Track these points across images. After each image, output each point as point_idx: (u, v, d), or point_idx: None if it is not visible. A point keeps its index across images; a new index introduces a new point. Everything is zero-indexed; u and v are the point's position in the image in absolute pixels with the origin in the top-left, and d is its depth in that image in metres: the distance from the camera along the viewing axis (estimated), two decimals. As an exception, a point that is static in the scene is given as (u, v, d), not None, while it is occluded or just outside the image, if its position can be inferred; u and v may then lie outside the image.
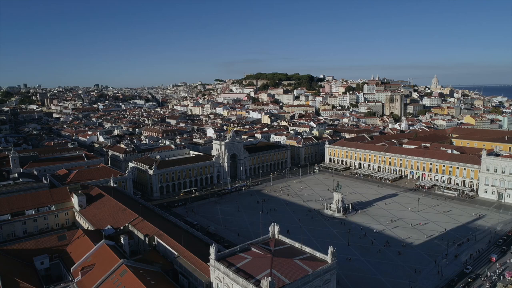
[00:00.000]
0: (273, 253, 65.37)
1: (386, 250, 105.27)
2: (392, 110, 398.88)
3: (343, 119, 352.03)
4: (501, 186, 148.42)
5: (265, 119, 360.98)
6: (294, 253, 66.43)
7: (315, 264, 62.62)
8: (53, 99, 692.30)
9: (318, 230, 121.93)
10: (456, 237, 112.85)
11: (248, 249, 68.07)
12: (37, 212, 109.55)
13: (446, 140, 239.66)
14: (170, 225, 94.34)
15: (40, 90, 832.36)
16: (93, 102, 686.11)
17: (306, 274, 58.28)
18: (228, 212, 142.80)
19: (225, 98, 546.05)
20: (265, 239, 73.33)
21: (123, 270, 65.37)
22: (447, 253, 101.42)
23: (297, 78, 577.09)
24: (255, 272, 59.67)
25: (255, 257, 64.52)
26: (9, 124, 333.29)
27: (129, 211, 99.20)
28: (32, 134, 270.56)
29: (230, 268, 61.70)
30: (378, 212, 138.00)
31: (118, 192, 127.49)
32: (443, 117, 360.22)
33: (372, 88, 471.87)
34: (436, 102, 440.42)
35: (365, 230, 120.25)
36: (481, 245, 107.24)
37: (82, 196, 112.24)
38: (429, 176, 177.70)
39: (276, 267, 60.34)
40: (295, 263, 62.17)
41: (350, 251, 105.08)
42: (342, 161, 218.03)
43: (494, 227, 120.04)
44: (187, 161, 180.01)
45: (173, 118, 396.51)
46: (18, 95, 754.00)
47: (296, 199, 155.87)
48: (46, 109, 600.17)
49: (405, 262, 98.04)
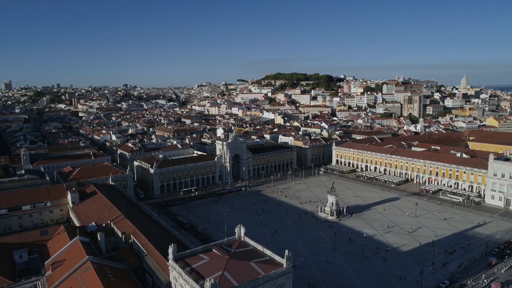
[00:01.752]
0: (231, 255, 65.28)
1: (372, 255, 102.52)
2: (410, 111, 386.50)
3: (357, 120, 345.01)
4: (508, 192, 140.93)
5: (278, 120, 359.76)
6: (253, 256, 66.02)
7: (271, 267, 61.94)
8: (80, 99, 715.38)
9: (307, 232, 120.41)
10: (450, 245, 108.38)
11: (210, 250, 68.32)
12: (33, 208, 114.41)
13: (461, 143, 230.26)
14: (150, 224, 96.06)
15: (71, 89, 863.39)
16: (117, 102, 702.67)
17: (256, 277, 57.82)
18: (223, 212, 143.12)
19: (243, 98, 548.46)
20: (230, 240, 73.38)
21: (87, 266, 67.24)
22: (435, 261, 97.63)
23: (316, 78, 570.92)
24: (208, 273, 59.78)
25: (213, 258, 64.67)
26: (32, 122, 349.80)
27: (114, 209, 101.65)
28: (51, 132, 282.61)
29: (185, 268, 62.25)
30: (374, 216, 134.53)
31: (114, 190, 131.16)
32: (464, 119, 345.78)
33: (392, 89, 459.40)
34: (459, 103, 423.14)
35: (355, 234, 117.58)
36: (474, 254, 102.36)
37: (75, 193, 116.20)
38: (436, 180, 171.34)
39: (229, 269, 60.23)
40: (250, 266, 61.81)
41: (334, 255, 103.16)
42: (349, 163, 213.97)
43: (493, 235, 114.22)
44: (188, 161, 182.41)
45: (188, 117, 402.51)
46: (49, 95, 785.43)
47: (293, 201, 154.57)
48: (73, 108, 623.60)
49: (388, 269, 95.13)
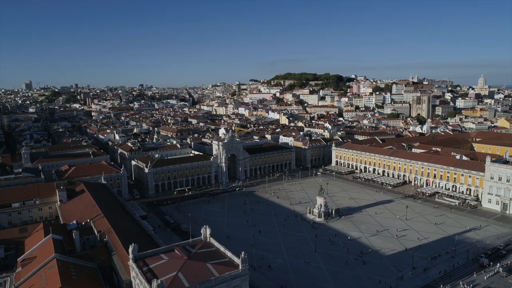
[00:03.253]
0: (191, 255, 65.25)
1: (352, 259, 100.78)
2: (419, 112, 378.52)
3: (363, 121, 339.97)
4: (505, 196, 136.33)
5: (283, 120, 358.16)
6: (212, 257, 65.77)
7: (227, 269, 61.57)
8: (94, 99, 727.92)
9: (292, 234, 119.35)
10: (435, 249, 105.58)
11: (172, 250, 68.45)
12: (23, 205, 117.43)
13: (465, 145, 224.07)
14: (127, 223, 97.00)
15: (87, 89, 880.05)
16: (129, 102, 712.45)
17: (207, 279, 57.62)
18: (212, 212, 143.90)
19: (251, 99, 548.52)
20: (195, 241, 73.31)
21: (52, 264, 68.45)
22: (416, 266, 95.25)
23: (325, 78, 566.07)
24: (162, 273, 59.99)
25: (172, 258, 64.78)
26: (43, 122, 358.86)
27: (96, 207, 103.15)
28: (58, 131, 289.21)
29: (143, 268, 62.66)
30: (363, 218, 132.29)
31: (103, 189, 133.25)
32: (475, 120, 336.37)
33: (401, 89, 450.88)
34: (471, 104, 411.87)
35: (340, 236, 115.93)
36: (460, 259, 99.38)
37: (63, 191, 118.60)
38: (434, 182, 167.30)
39: (184, 270, 60.24)
40: (206, 267, 61.58)
41: (314, 258, 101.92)
42: (349, 164, 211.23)
43: (483, 240, 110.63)
44: (184, 161, 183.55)
45: (195, 117, 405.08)
46: (66, 95, 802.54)
47: (285, 202, 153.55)
48: (87, 108, 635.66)
49: (367, 273, 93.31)
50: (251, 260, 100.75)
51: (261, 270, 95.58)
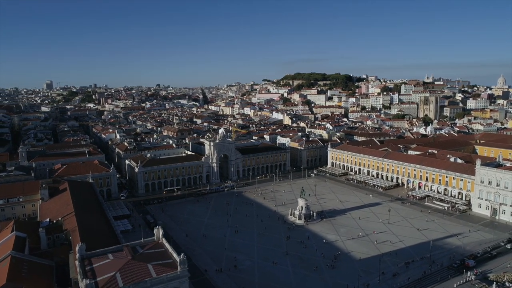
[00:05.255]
0: (136, 256, 65.56)
1: (322, 262, 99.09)
2: (426, 113, 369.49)
3: (366, 121, 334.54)
4: (495, 200, 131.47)
5: (286, 120, 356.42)
6: (157, 258, 65.84)
7: (168, 270, 61.55)
8: (108, 98, 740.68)
9: (268, 236, 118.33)
10: (411, 255, 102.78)
11: (121, 250, 68.83)
12: (6, 202, 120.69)
13: (467, 147, 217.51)
14: (96, 222, 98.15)
15: (104, 89, 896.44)
16: (142, 101, 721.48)
17: (142, 280, 57.71)
18: (195, 212, 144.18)
19: (259, 99, 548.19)
20: (147, 241, 73.60)
21: (6, 261, 69.93)
22: (386, 271, 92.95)
23: (334, 78, 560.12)
24: (102, 273, 60.48)
25: (116, 258, 65.17)
26: (52, 121, 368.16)
27: (71, 206, 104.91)
28: (63, 130, 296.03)
29: (86, 267, 63.32)
30: (345, 221, 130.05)
31: (87, 188, 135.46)
32: (484, 121, 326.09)
33: (410, 89, 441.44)
34: (482, 104, 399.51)
35: (315, 239, 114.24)
36: (434, 266, 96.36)
37: (45, 189, 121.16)
38: (426, 185, 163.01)
39: (124, 270, 60.52)
40: (146, 268, 61.68)
41: (284, 260, 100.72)
42: (344, 165, 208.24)
43: (464, 247, 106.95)
44: (175, 160, 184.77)
45: (200, 117, 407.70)
46: (82, 94, 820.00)
47: (270, 203, 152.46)
48: (101, 108, 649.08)
49: (333, 277, 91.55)
50: (221, 261, 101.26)
51: (227, 271, 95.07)
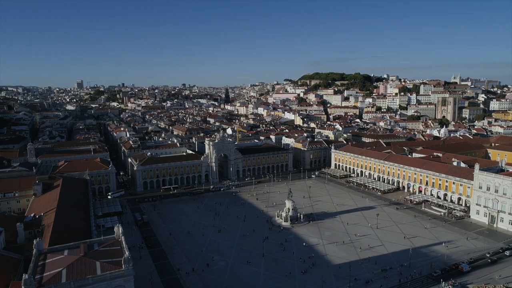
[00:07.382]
0: (89, 253, 66.82)
1: (297, 265, 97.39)
2: (444, 114, 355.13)
3: (379, 123, 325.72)
4: (494, 207, 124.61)
5: (298, 121, 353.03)
6: (109, 256, 66.77)
7: (113, 268, 62.34)
8: (131, 97, 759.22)
9: (251, 237, 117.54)
10: (391, 261, 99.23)
11: (77, 247, 70.38)
12: (3, 197, 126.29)
13: (478, 151, 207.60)
14: (74, 219, 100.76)
15: (130, 88, 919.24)
16: (163, 101, 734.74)
17: (84, 277, 58.75)
18: (185, 211, 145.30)
19: (275, 99, 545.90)
20: (107, 239, 74.84)
21: (-26, 254, 73.24)
22: (359, 278, 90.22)
23: (352, 78, 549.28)
24: (51, 269, 62.01)
25: (70, 255, 66.76)
26: (71, 119, 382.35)
27: (56, 202, 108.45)
28: (78, 128, 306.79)
29: (39, 262, 65.19)
30: (332, 225, 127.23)
31: (81, 184, 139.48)
32: (505, 124, 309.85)
33: (429, 89, 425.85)
34: (507, 106, 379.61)
35: (295, 242, 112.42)
36: (412, 274, 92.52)
37: (38, 185, 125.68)
38: (426, 190, 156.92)
39: (71, 267, 61.82)
40: (94, 266, 62.80)
41: (259, 263, 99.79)
42: (347, 167, 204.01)
43: (449, 255, 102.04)
44: (174, 159, 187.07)
45: (213, 117, 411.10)
46: (108, 93, 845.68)
47: (261, 204, 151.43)
48: (124, 106, 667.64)
49: (304, 282, 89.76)
50: (196, 260, 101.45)
51: (200, 272, 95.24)
